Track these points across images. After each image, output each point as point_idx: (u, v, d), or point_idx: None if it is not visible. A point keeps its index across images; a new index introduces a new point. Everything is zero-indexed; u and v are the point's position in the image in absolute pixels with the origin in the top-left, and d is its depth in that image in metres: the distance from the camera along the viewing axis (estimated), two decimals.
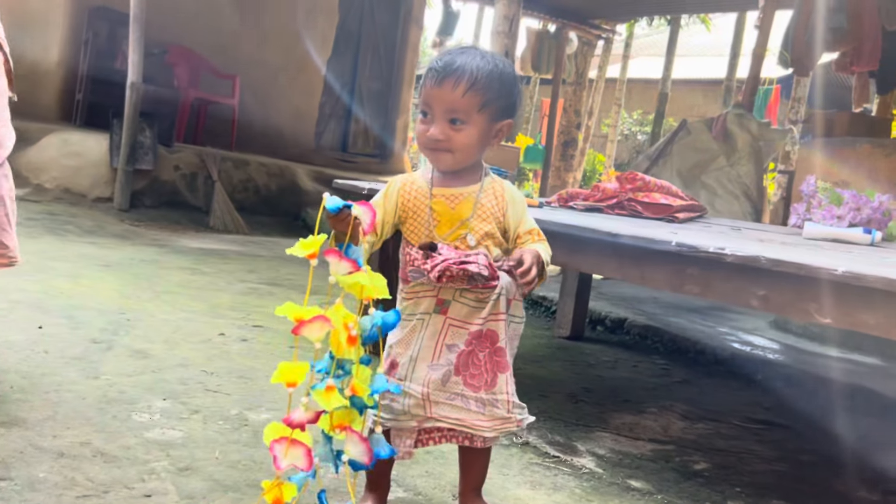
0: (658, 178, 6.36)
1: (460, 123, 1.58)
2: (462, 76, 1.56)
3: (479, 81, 1.57)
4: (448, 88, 1.56)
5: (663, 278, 2.11)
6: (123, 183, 6.50)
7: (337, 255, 1.44)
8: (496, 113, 1.62)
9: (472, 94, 1.56)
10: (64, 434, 1.97)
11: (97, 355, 2.66)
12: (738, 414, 2.92)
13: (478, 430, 1.65)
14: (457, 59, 1.60)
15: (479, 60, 1.60)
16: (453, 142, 1.58)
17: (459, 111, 1.57)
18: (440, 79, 1.57)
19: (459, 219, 1.64)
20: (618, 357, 3.64)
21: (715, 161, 6.20)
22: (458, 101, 1.56)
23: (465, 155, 1.62)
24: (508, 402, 1.66)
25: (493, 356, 1.65)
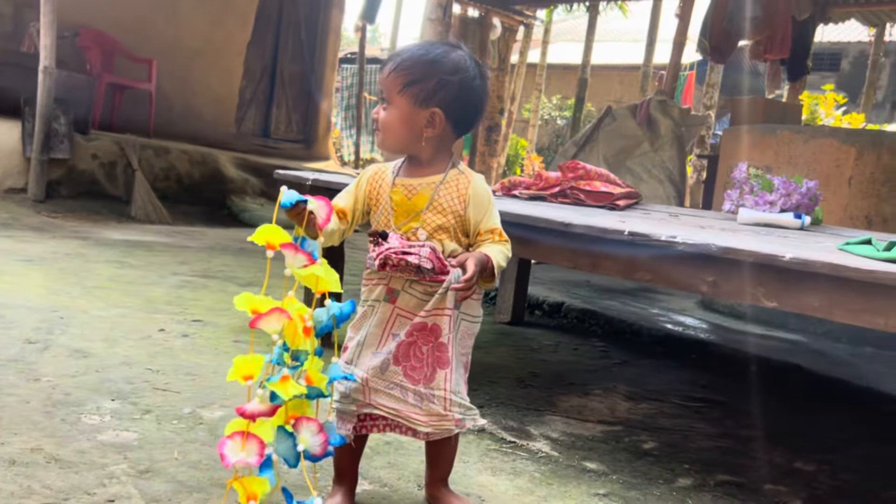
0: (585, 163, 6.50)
1: (386, 104, 1.64)
2: (400, 62, 1.62)
3: (403, 64, 1.62)
4: (386, 72, 1.64)
5: (615, 266, 2.17)
6: (38, 173, 6.22)
7: (293, 248, 1.44)
8: (420, 96, 1.61)
9: (395, 76, 1.62)
10: (12, 440, 1.89)
11: (34, 356, 2.56)
12: (678, 393, 3.04)
13: (413, 423, 1.65)
14: (406, 49, 1.67)
15: (420, 49, 1.65)
16: (381, 121, 1.64)
17: (385, 91, 1.64)
18: (383, 65, 1.66)
19: (414, 210, 1.66)
20: (558, 341, 3.72)
21: (639, 146, 6.37)
22: (384, 81, 1.64)
23: (391, 136, 1.65)
24: (446, 399, 1.64)
25: (434, 351, 1.65)
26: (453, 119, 1.67)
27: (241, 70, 10.34)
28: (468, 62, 1.67)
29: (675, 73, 6.61)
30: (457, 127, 1.69)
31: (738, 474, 2.26)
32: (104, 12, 8.48)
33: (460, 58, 1.66)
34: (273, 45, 10.95)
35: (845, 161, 3.92)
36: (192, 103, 9.61)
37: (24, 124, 6.36)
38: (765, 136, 4.28)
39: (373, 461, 2.04)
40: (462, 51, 1.69)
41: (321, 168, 9.77)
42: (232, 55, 10.13)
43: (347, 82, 14.77)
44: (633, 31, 21.12)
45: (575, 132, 15.40)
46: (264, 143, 10.68)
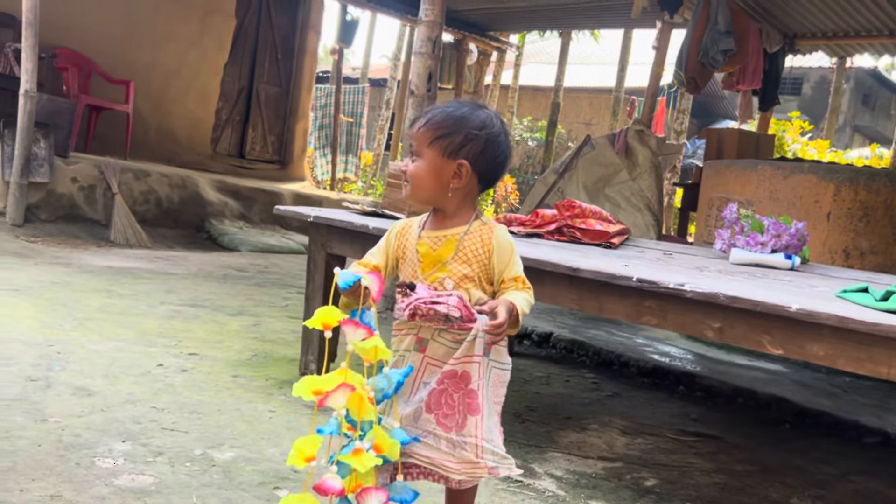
0: (564, 190, 6.60)
1: (415, 157, 1.71)
2: (432, 119, 1.70)
3: (434, 119, 1.69)
4: (415, 128, 1.71)
5: (622, 310, 2.24)
6: (17, 197, 6.16)
7: (353, 324, 1.47)
8: (448, 149, 1.68)
9: (426, 130, 1.69)
10: (31, 487, 1.89)
11: (38, 395, 2.55)
12: (670, 427, 3.11)
13: (446, 471, 1.67)
14: (440, 107, 1.74)
15: (449, 106, 1.72)
16: (409, 173, 1.71)
17: (415, 145, 1.71)
18: (413, 121, 1.76)
19: (440, 260, 1.70)
20: (549, 372, 3.78)
21: (618, 175, 6.50)
22: (414, 135, 1.71)
23: (418, 188, 1.70)
24: (477, 445, 1.66)
25: (465, 398, 1.68)
26: (479, 171, 1.72)
27: (217, 91, 10.33)
28: (494, 119, 1.74)
29: (652, 104, 6.77)
30: (482, 180, 1.75)
31: None
32: (81, 33, 8.43)
33: (486, 115, 1.74)
34: (250, 67, 10.95)
35: (824, 196, 4.06)
36: (169, 124, 9.58)
37: (3, 147, 6.29)
38: (745, 170, 4.41)
39: None
40: (488, 110, 1.76)
41: (297, 189, 9.78)
42: (209, 76, 10.12)
43: (321, 102, 14.79)
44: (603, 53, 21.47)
45: (548, 155, 15.62)
46: (240, 164, 10.66)
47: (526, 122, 20.44)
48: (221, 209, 8.04)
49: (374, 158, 16.60)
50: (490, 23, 10.95)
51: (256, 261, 6.70)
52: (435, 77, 4.47)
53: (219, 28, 10.14)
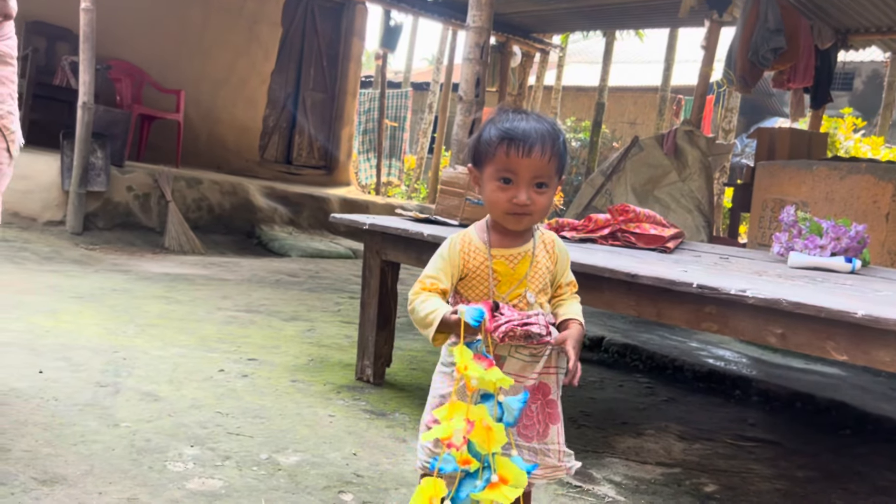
0: (613, 193, 6.57)
1: (545, 188, 1.64)
2: (546, 143, 1.63)
3: (557, 147, 1.65)
4: (537, 156, 1.62)
5: (681, 316, 2.24)
6: (76, 205, 6.35)
7: (478, 359, 1.48)
8: (561, 172, 1.70)
9: (554, 160, 1.64)
10: (108, 490, 1.97)
11: (108, 400, 2.64)
12: (728, 432, 3.09)
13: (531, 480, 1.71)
14: (530, 126, 1.65)
15: (547, 126, 1.68)
16: (536, 205, 1.64)
17: (544, 176, 1.63)
18: (528, 148, 1.62)
19: (518, 278, 1.69)
20: (602, 377, 3.78)
21: (667, 176, 6.45)
22: (544, 167, 1.63)
23: (543, 216, 1.71)
24: (560, 451, 1.73)
25: (545, 408, 1.71)
26: None
27: (264, 99, 10.50)
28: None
29: (701, 104, 6.70)
30: None
31: None
32: (133, 45, 8.66)
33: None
34: (296, 74, 11.11)
35: (882, 197, 3.99)
36: (218, 132, 9.77)
37: (62, 158, 6.49)
38: (800, 171, 4.35)
39: None
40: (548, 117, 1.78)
41: (343, 194, 9.89)
42: (256, 84, 10.30)
43: (365, 107, 14.92)
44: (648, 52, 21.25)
45: (592, 156, 15.52)
46: (287, 170, 10.82)
47: (570, 123, 20.35)
48: (271, 215, 8.18)
49: (417, 162, 16.69)
50: (534, 25, 10.95)
51: (307, 266, 6.80)
52: (483, 82, 4.50)
53: (265, 37, 10.31)
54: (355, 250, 7.96)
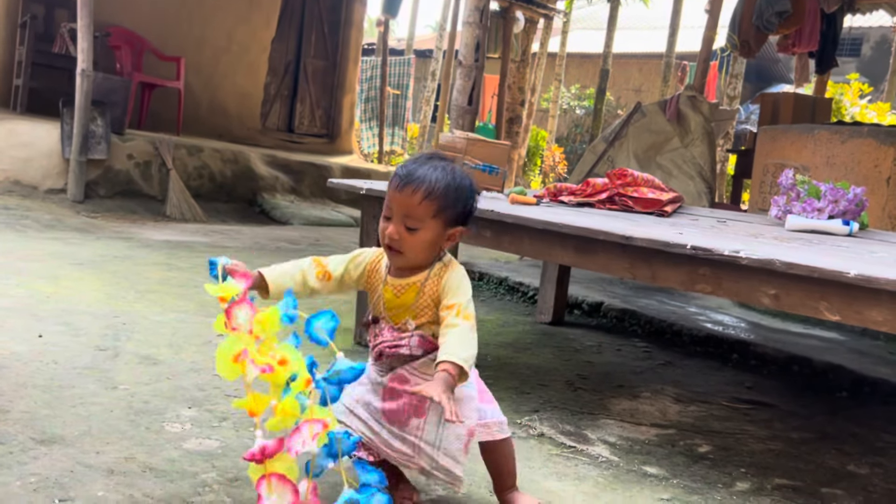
0: (615, 159, 6.54)
1: (415, 229, 1.70)
2: (420, 185, 1.69)
3: (436, 191, 1.69)
4: (407, 194, 1.69)
5: (676, 278, 2.24)
6: (77, 174, 6.35)
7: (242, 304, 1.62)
8: (450, 220, 1.75)
9: (428, 202, 1.69)
10: (106, 450, 1.99)
11: (107, 363, 2.66)
12: (724, 395, 3.11)
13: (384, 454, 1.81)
14: (419, 168, 1.72)
15: (438, 172, 1.72)
16: (406, 243, 1.71)
17: (414, 218, 1.70)
18: (402, 185, 1.70)
19: (403, 306, 1.79)
20: (601, 341, 3.79)
21: (669, 142, 6.40)
22: (415, 207, 1.69)
23: (415, 256, 1.75)
24: (416, 445, 1.77)
25: (414, 402, 1.77)
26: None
27: (265, 66, 10.44)
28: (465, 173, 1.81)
29: (705, 69, 6.63)
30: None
31: (794, 478, 2.33)
32: (132, 11, 8.59)
33: (464, 173, 1.79)
34: (297, 41, 11.03)
35: (884, 161, 3.96)
36: (219, 100, 9.73)
37: (62, 126, 6.47)
38: (801, 135, 4.32)
39: None
40: (457, 168, 1.80)
41: (346, 163, 9.86)
42: (257, 52, 10.22)
43: (367, 75, 14.82)
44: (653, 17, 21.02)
45: (596, 123, 15.41)
46: (289, 138, 10.79)
47: (574, 91, 20.21)
48: (272, 183, 8.17)
49: (420, 130, 16.61)
50: None
51: (308, 234, 6.80)
52: (483, 47, 4.46)
53: (266, 3, 10.21)
54: (356, 218, 7.95)
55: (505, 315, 4.17)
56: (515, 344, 3.56)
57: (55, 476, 1.80)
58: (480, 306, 4.38)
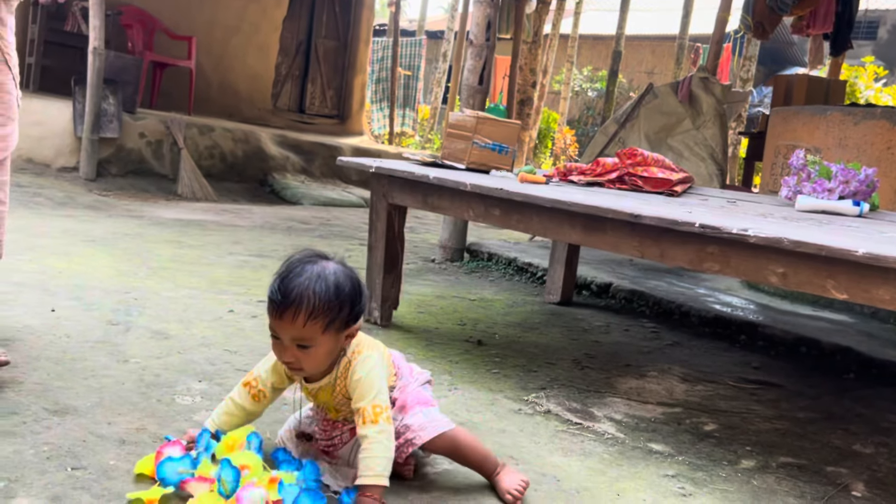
0: (626, 140, 6.52)
1: (307, 347, 1.67)
2: (300, 307, 1.62)
3: (317, 309, 1.62)
4: (288, 320, 1.63)
5: (684, 256, 2.24)
6: (89, 152, 6.38)
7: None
8: (342, 327, 1.70)
9: (313, 322, 1.63)
10: (118, 420, 2.02)
11: (119, 338, 2.69)
12: (731, 375, 3.11)
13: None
14: (293, 287, 1.63)
15: (315, 285, 1.64)
16: (304, 362, 1.70)
17: (305, 339, 1.66)
18: (280, 311, 1.64)
19: (325, 403, 1.85)
20: (609, 321, 3.80)
21: (681, 124, 6.37)
22: (300, 330, 1.64)
23: (317, 367, 1.75)
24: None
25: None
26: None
27: (276, 46, 10.42)
28: (347, 270, 1.73)
29: (718, 50, 6.58)
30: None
31: (799, 456, 2.34)
32: None
33: (344, 271, 1.71)
34: (308, 21, 11.01)
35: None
36: (230, 80, 9.73)
37: (75, 104, 6.50)
38: (814, 117, 4.29)
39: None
40: (334, 260, 1.74)
41: (356, 143, 9.87)
42: (268, 31, 10.21)
43: (378, 55, 14.78)
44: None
45: (608, 106, 15.33)
46: (300, 119, 10.79)
47: (586, 73, 20.08)
48: (283, 163, 8.19)
49: (431, 112, 16.58)
50: None
51: (318, 214, 6.82)
52: (494, 26, 4.44)
53: None
54: (366, 199, 7.96)
55: (514, 295, 4.19)
56: (524, 323, 3.58)
57: (68, 445, 1.83)
58: (490, 286, 4.39)
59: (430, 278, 4.42)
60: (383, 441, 1.68)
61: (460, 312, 3.66)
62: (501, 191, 2.61)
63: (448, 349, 3.03)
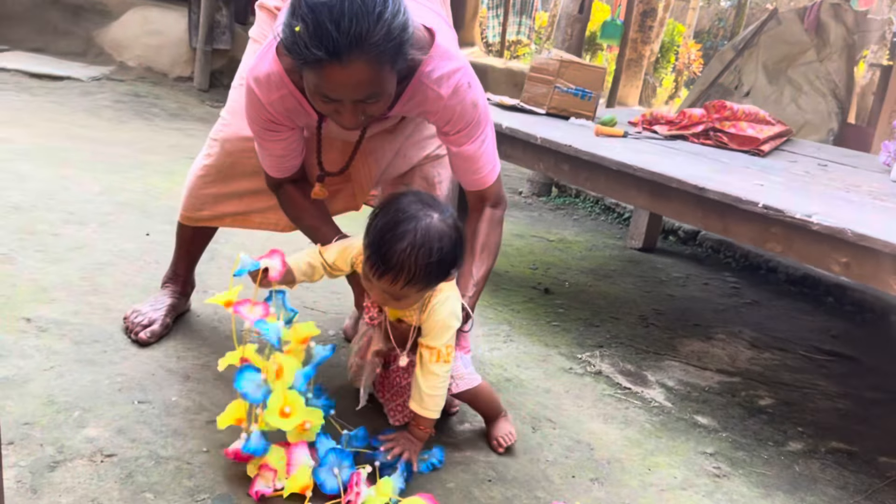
0: (742, 70, 6.16)
1: (403, 299, 1.69)
2: (399, 275, 1.61)
3: (417, 277, 1.62)
4: (387, 283, 1.63)
5: (747, 234, 2.17)
6: (203, 63, 6.61)
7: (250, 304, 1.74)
8: (436, 283, 1.71)
9: (410, 286, 1.64)
10: (185, 356, 2.19)
11: (202, 266, 2.87)
12: (805, 342, 3.02)
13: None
14: (394, 254, 1.60)
15: (417, 253, 1.60)
16: (396, 305, 1.74)
17: (400, 295, 1.67)
18: (380, 275, 1.63)
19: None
20: (689, 273, 3.73)
21: (804, 55, 5.96)
22: (398, 290, 1.65)
23: (403, 310, 1.78)
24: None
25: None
26: None
27: None
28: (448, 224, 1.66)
29: None
30: None
31: (852, 442, 2.28)
32: None
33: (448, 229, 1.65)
34: None
35: None
36: None
37: (190, 15, 6.71)
38: None
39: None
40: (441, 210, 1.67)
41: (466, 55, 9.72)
42: None
43: None
44: None
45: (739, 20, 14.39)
46: None
47: None
48: None
49: (549, 20, 16.05)
50: None
51: None
52: None
53: None
54: None
55: (595, 238, 4.15)
56: (598, 270, 3.56)
57: (139, 378, 2.02)
58: (572, 226, 4.36)
59: (513, 214, 4.43)
60: (446, 382, 1.79)
61: (535, 254, 3.68)
62: (570, 147, 2.57)
63: (513, 296, 3.07)
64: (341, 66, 1.43)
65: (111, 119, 5.29)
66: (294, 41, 1.44)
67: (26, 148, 4.03)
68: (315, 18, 1.39)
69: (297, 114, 1.75)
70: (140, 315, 2.27)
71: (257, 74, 1.70)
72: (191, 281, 2.47)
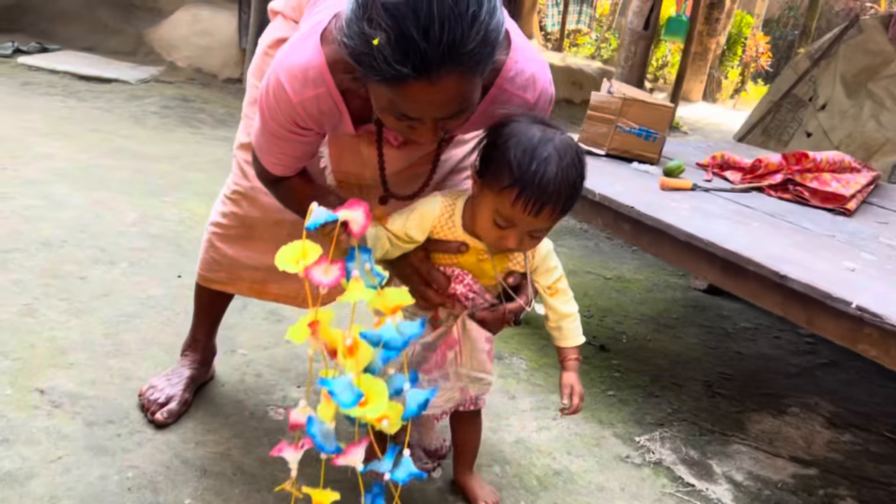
0: (818, 80, 5.75)
1: (537, 238, 1.55)
2: (557, 205, 1.45)
3: (571, 199, 1.48)
4: (544, 218, 1.46)
5: (835, 331, 1.89)
6: None
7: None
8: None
9: (562, 214, 1.50)
10: (205, 440, 2.02)
11: (231, 318, 2.70)
12: (890, 419, 2.72)
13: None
14: (550, 183, 1.41)
15: (570, 181, 1.44)
16: (526, 247, 1.57)
17: (543, 230, 1.53)
18: (538, 210, 1.43)
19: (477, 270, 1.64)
20: (759, 323, 3.43)
21: (888, 66, 5.51)
22: (545, 222, 1.48)
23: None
24: (465, 375, 1.75)
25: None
26: None
27: None
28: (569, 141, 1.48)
29: None
30: None
31: None
32: None
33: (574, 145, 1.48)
34: None
35: None
36: None
37: (240, 15, 6.56)
38: None
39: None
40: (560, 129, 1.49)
41: None
42: None
43: None
44: None
45: (812, 9, 13.68)
46: None
47: None
48: None
49: (611, 8, 15.56)
50: None
51: None
52: None
53: None
54: None
55: (655, 274, 3.87)
56: (658, 318, 3.30)
57: (151, 472, 1.85)
58: (631, 258, 4.09)
59: (566, 243, 4.17)
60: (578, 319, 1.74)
61: (590, 297, 3.43)
62: (632, 209, 2.32)
63: None
64: (430, 84, 1.17)
65: (156, 127, 5.19)
66: (370, 54, 1.17)
67: (65, 167, 3.93)
68: (398, 27, 1.12)
69: (331, 118, 1.45)
70: (156, 392, 2.11)
71: (291, 66, 1.39)
72: (211, 347, 2.29)
